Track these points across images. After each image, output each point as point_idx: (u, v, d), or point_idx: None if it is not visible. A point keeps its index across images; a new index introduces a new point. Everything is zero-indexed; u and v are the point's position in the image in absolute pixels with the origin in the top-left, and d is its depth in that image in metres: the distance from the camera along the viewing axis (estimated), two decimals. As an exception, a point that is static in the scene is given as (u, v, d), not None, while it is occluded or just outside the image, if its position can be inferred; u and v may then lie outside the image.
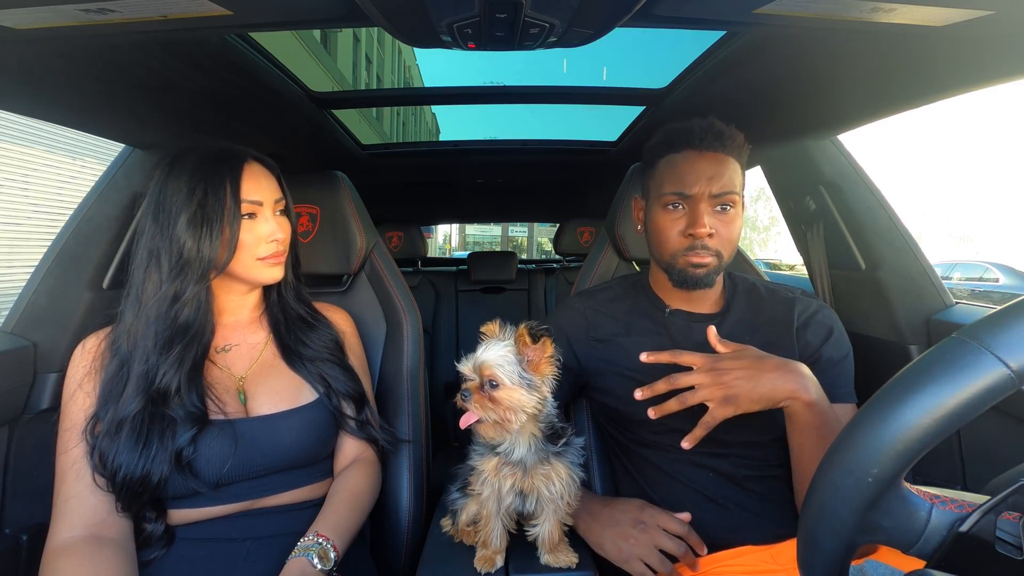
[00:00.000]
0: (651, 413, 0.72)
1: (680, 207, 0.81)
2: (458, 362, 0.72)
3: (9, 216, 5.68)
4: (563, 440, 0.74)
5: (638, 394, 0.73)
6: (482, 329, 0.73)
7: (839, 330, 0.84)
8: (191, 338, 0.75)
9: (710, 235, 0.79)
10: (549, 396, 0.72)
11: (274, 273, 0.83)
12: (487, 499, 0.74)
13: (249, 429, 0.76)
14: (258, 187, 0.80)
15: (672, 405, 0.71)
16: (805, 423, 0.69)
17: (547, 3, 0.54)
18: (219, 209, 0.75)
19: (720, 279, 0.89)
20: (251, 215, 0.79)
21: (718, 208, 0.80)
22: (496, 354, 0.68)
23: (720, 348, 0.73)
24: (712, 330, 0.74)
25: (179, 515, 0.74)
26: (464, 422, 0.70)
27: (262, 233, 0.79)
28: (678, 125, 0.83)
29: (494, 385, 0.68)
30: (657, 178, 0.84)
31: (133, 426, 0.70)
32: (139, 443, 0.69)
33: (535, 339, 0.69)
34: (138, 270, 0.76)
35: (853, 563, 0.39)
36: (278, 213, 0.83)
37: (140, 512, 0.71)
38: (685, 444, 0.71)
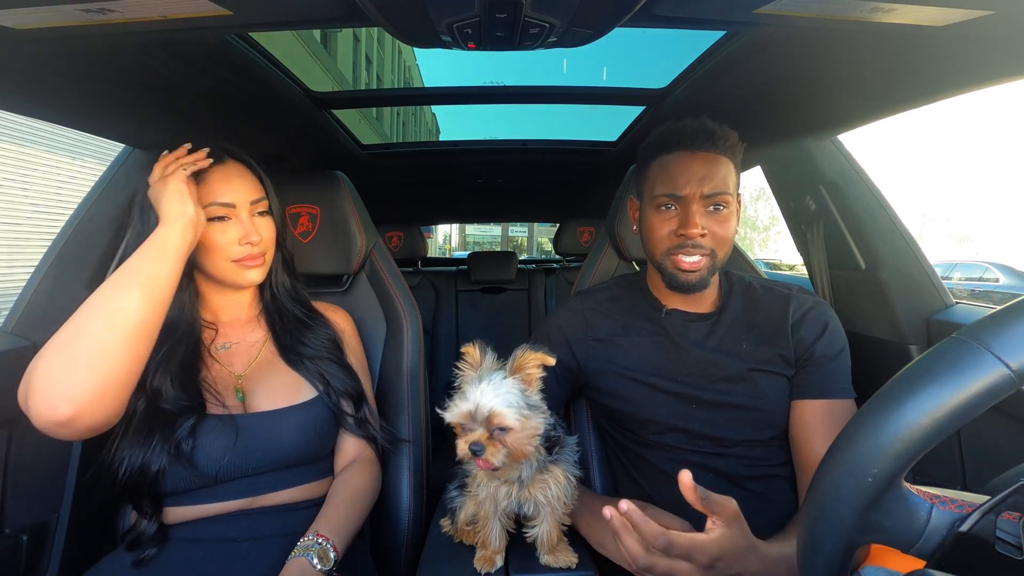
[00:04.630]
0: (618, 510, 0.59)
1: (672, 208, 0.81)
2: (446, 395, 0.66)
3: (9, 216, 5.69)
4: (557, 447, 0.73)
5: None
6: (464, 351, 0.69)
7: (834, 326, 0.83)
8: (178, 338, 0.76)
9: (702, 235, 0.79)
10: (546, 408, 0.69)
11: (252, 276, 0.82)
12: (484, 500, 0.75)
13: (248, 424, 0.77)
14: (229, 189, 0.78)
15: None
16: None
17: (547, 3, 0.53)
18: None
19: (716, 278, 0.89)
20: (222, 218, 0.78)
21: (711, 208, 0.79)
22: (501, 397, 0.63)
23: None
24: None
25: (179, 512, 0.74)
26: (480, 468, 0.66)
27: (234, 236, 0.78)
28: (670, 126, 0.82)
29: (504, 430, 0.63)
30: (650, 179, 0.84)
31: (136, 424, 0.71)
32: (140, 436, 0.70)
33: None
34: None
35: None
36: (258, 214, 0.82)
37: (138, 505, 0.72)
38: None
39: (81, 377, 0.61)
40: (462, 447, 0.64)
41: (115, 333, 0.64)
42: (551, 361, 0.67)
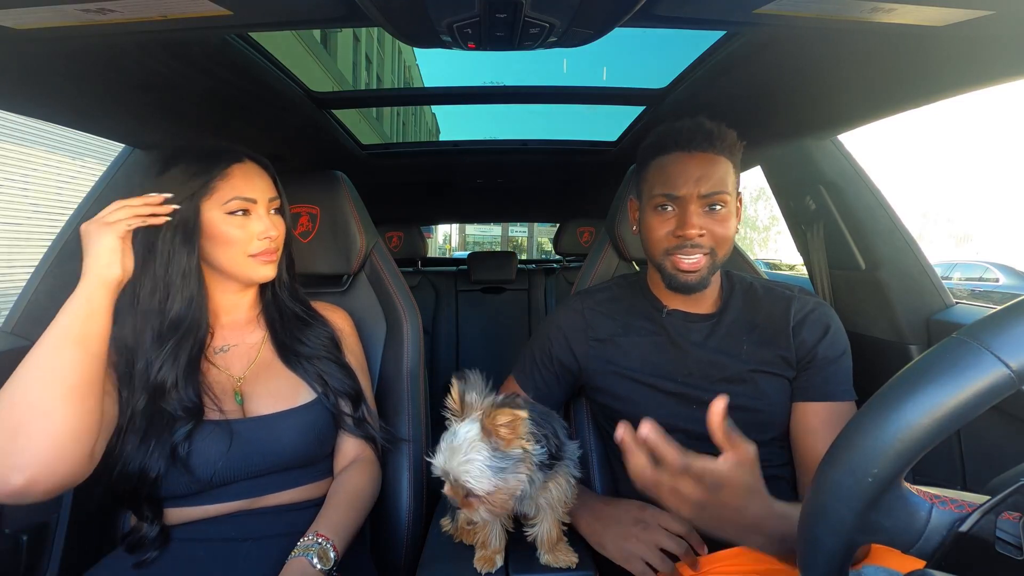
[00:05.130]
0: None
1: (670, 208, 0.81)
2: (457, 370, 0.67)
3: (9, 216, 5.69)
4: (555, 460, 0.71)
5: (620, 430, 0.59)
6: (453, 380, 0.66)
7: (836, 328, 0.83)
8: (184, 333, 0.76)
9: (700, 235, 0.79)
10: (534, 447, 0.64)
11: (266, 271, 0.83)
12: None
13: (247, 429, 0.76)
14: (251, 185, 0.80)
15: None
16: None
17: (547, 3, 0.53)
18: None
19: (717, 279, 0.89)
20: (244, 212, 0.79)
21: (709, 208, 0.79)
22: (467, 459, 0.60)
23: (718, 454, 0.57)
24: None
25: (179, 514, 0.74)
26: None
27: (255, 230, 0.80)
28: (667, 126, 0.82)
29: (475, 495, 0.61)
30: (648, 180, 0.84)
31: (137, 422, 0.71)
32: (136, 437, 0.70)
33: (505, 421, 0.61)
34: (136, 267, 0.77)
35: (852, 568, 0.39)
36: (272, 212, 0.84)
37: (138, 510, 0.72)
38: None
39: (25, 443, 0.59)
40: (447, 494, 0.64)
41: (55, 393, 0.62)
42: (522, 415, 0.62)
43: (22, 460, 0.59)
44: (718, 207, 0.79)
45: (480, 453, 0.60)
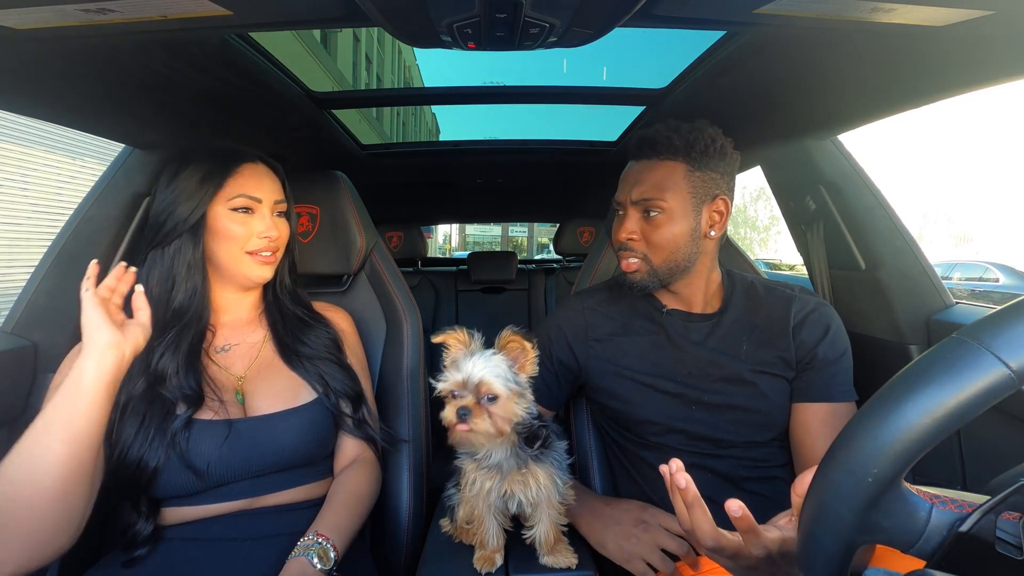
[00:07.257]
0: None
1: (620, 213, 0.86)
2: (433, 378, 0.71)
3: (9, 216, 5.68)
4: (540, 442, 0.74)
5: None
6: (444, 339, 0.72)
7: (836, 328, 0.83)
8: (186, 323, 0.78)
9: (630, 239, 0.83)
10: (531, 397, 0.73)
11: (263, 272, 0.84)
12: (475, 498, 0.75)
13: (247, 428, 0.76)
14: (259, 185, 0.82)
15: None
16: None
17: (547, 3, 0.53)
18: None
19: (718, 278, 0.89)
20: (247, 209, 0.81)
21: (646, 213, 0.82)
22: (491, 368, 0.68)
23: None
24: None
25: (180, 513, 0.74)
26: (457, 430, 0.68)
27: (256, 229, 0.81)
28: (634, 134, 0.87)
29: (492, 399, 0.68)
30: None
31: (135, 407, 0.71)
32: (137, 422, 0.71)
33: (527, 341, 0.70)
34: (148, 260, 0.80)
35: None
36: (277, 215, 0.85)
37: (135, 504, 0.72)
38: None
39: (9, 541, 0.59)
40: (449, 412, 0.68)
41: (41, 488, 0.60)
42: (528, 345, 0.71)
43: (4, 555, 0.59)
44: (652, 213, 0.82)
45: (501, 364, 0.69)
